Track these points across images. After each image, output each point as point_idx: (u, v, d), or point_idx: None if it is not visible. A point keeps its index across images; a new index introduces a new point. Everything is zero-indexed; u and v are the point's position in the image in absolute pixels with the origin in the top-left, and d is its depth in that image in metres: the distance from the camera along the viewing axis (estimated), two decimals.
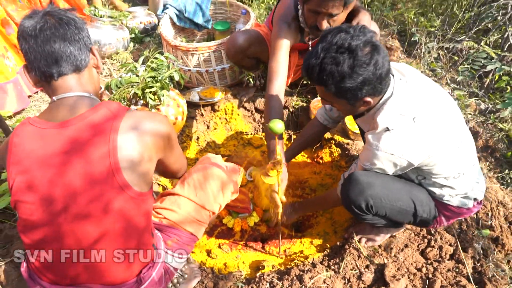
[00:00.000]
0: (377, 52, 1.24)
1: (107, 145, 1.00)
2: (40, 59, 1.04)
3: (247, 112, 2.58)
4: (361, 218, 1.51)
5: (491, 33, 3.12)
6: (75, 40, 1.07)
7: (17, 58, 2.38)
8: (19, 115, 2.36)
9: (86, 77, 1.13)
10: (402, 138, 1.30)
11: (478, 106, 2.85)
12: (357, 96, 1.30)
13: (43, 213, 1.02)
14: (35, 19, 1.04)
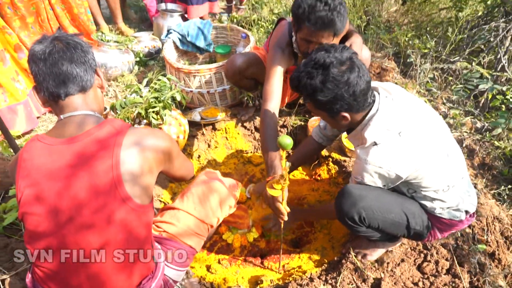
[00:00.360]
0: (352, 71, 1.32)
1: (110, 159, 1.07)
2: (48, 80, 1.11)
3: (247, 131, 2.66)
4: (355, 230, 1.55)
5: (484, 54, 3.22)
6: (81, 62, 1.15)
7: (27, 81, 2.49)
8: (27, 135, 2.45)
9: (92, 97, 1.20)
10: (389, 152, 1.36)
11: (474, 124, 2.91)
12: (333, 110, 1.39)
13: (49, 224, 1.07)
14: (44, 44, 1.12)
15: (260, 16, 3.84)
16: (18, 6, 2.56)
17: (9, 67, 2.29)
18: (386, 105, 1.43)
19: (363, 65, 1.37)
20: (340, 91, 1.33)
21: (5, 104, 2.29)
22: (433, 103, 3.06)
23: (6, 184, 1.92)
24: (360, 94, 1.36)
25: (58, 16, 2.91)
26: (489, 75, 2.87)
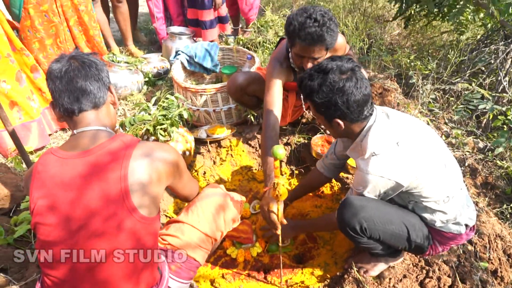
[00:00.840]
0: (350, 80, 1.41)
1: (119, 170, 1.13)
2: (63, 97, 1.18)
3: (252, 149, 2.72)
4: (357, 241, 1.58)
5: (485, 76, 3.29)
6: (95, 80, 1.22)
7: (40, 100, 2.60)
8: (40, 151, 2.53)
9: (104, 113, 1.26)
10: (389, 161, 1.42)
11: (477, 144, 2.95)
12: (328, 114, 1.49)
13: (60, 232, 1.12)
14: (61, 63, 1.20)
15: (265, 39, 3.97)
16: (38, 29, 2.71)
17: (25, 86, 2.40)
18: (383, 118, 1.51)
19: (364, 79, 1.45)
20: (334, 96, 1.42)
21: (20, 121, 2.39)
22: (435, 123, 3.11)
23: (18, 198, 1.99)
24: (354, 104, 1.43)
25: (75, 37, 3.06)
26: (490, 96, 2.93)
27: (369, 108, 1.50)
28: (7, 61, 2.25)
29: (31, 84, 2.54)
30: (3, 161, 2.37)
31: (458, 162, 2.66)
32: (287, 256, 2.06)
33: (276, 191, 1.60)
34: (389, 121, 1.50)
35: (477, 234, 2.02)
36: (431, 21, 4.15)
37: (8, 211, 1.96)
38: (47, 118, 2.66)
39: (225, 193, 1.61)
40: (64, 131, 2.83)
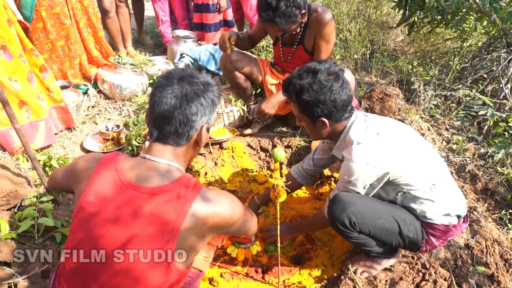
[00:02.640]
0: (336, 81, 1.52)
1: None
2: (152, 117, 1.15)
3: (253, 151, 2.76)
4: (348, 236, 1.61)
5: (486, 83, 3.31)
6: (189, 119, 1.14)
7: (48, 100, 2.66)
8: (45, 149, 2.58)
9: (183, 151, 1.18)
10: (372, 149, 1.50)
11: (478, 150, 2.96)
12: (315, 113, 1.56)
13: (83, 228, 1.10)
14: (174, 87, 1.13)
15: (269, 43, 4.02)
16: (50, 31, 2.78)
17: (35, 86, 2.46)
18: (362, 117, 1.63)
19: (347, 81, 1.57)
20: (323, 95, 1.51)
21: (28, 120, 2.44)
22: (436, 128, 3.13)
23: (22, 194, 2.03)
24: (340, 103, 1.54)
25: (84, 39, 3.13)
26: (491, 102, 2.94)
27: (350, 109, 1.61)
28: (19, 61, 2.31)
29: (40, 84, 2.59)
30: (9, 158, 2.42)
31: (458, 168, 2.70)
32: (285, 256, 2.09)
33: (275, 192, 1.64)
34: (368, 119, 1.62)
35: (475, 239, 2.04)
36: (435, 28, 4.18)
37: (12, 207, 2.01)
38: (53, 117, 2.71)
39: None
40: (69, 131, 2.88)
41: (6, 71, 2.24)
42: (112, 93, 3.22)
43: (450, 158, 2.77)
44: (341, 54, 4.04)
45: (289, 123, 2.93)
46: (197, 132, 1.19)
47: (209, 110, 1.19)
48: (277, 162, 1.57)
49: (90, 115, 3.10)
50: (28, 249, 1.51)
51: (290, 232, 2.02)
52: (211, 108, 1.20)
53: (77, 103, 3.03)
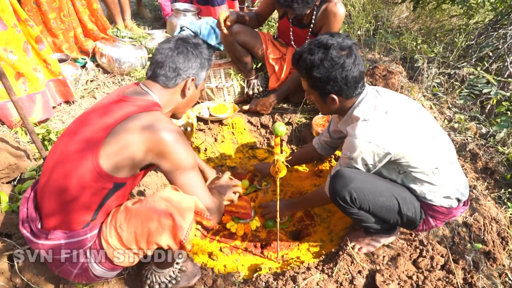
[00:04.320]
0: (349, 57, 1.45)
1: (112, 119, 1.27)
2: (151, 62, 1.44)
3: (253, 127, 2.73)
4: (348, 211, 1.62)
5: (491, 61, 3.25)
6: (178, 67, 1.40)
7: (45, 72, 2.61)
8: (43, 123, 2.56)
9: (168, 93, 1.42)
10: (377, 127, 1.46)
11: (479, 130, 2.94)
12: (325, 90, 1.51)
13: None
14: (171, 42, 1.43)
15: (270, 17, 3.92)
16: (42, 2, 2.70)
17: (31, 57, 2.40)
18: (373, 93, 1.58)
19: (360, 56, 1.50)
20: (334, 72, 1.46)
21: (25, 93, 2.40)
22: (438, 107, 3.10)
23: (22, 167, 2.03)
24: (352, 80, 1.48)
25: (78, 11, 3.04)
26: (495, 81, 2.90)
27: (362, 85, 1.56)
28: (14, 31, 2.24)
29: (36, 56, 2.53)
30: (8, 132, 2.40)
31: (459, 147, 2.68)
32: (284, 232, 2.11)
33: (275, 167, 1.63)
34: (379, 95, 1.57)
35: (473, 217, 2.05)
36: (441, 4, 4.07)
37: (12, 180, 2.01)
38: (51, 90, 2.67)
39: (167, 212, 1.23)
40: (68, 104, 2.85)
41: (1, 41, 2.18)
42: (110, 67, 3.16)
43: (451, 137, 2.75)
44: (344, 29, 3.96)
45: (290, 100, 2.89)
46: (184, 81, 1.43)
47: (195, 65, 1.44)
48: (277, 137, 1.55)
49: (88, 89, 3.05)
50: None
51: (289, 208, 2.03)
52: (198, 64, 1.44)
53: (75, 77, 2.98)
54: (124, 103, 1.32)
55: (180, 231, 1.21)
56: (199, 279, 1.67)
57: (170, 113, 1.52)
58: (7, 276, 1.52)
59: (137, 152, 1.23)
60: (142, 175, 1.38)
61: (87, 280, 1.39)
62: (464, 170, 2.44)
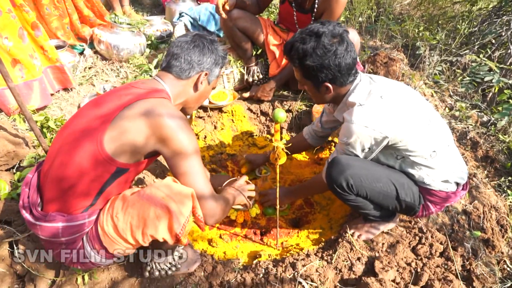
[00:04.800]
0: (341, 44, 1.45)
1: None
2: (167, 53, 1.46)
3: (253, 115, 2.72)
4: (345, 198, 1.62)
5: (494, 48, 3.21)
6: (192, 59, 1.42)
7: (42, 59, 2.58)
8: (42, 110, 2.54)
9: (180, 85, 1.44)
10: (373, 112, 1.46)
11: (481, 118, 2.92)
12: (318, 78, 1.51)
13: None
14: (187, 36, 1.46)
15: (271, 3, 3.86)
16: None
17: (27, 44, 2.37)
18: (367, 80, 1.57)
19: (352, 43, 1.49)
20: (327, 59, 1.45)
21: (22, 80, 2.37)
22: (440, 95, 3.07)
23: (20, 154, 2.02)
24: (345, 68, 1.48)
25: None
26: (497, 68, 2.87)
27: (355, 72, 1.56)
28: (8, 17, 2.20)
29: (33, 42, 2.50)
30: (6, 119, 2.38)
31: (460, 135, 2.67)
32: (284, 219, 2.11)
33: (275, 154, 1.62)
34: (373, 81, 1.57)
35: (473, 205, 2.05)
36: None
37: (11, 168, 2.00)
38: (49, 77, 2.64)
39: (164, 204, 1.21)
40: (66, 92, 2.82)
41: None
42: (109, 54, 3.12)
43: (452, 125, 2.74)
44: (345, 15, 3.91)
45: (290, 87, 2.87)
46: (197, 75, 1.45)
47: (210, 60, 1.45)
48: (277, 124, 1.54)
49: (87, 76, 3.03)
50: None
51: (288, 196, 2.02)
52: (213, 60, 1.46)
53: (73, 64, 2.95)
54: (131, 89, 1.34)
55: (176, 225, 1.20)
56: (199, 265, 1.68)
57: (180, 106, 1.52)
58: (7, 263, 1.53)
59: (139, 137, 1.23)
60: (146, 164, 1.37)
61: (84, 266, 1.40)
62: (464, 158, 2.43)
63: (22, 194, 1.32)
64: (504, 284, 1.71)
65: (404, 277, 1.65)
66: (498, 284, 1.70)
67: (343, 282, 1.63)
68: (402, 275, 1.65)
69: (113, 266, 1.59)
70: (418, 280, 1.62)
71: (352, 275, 1.65)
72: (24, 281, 1.53)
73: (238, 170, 2.46)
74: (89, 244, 1.31)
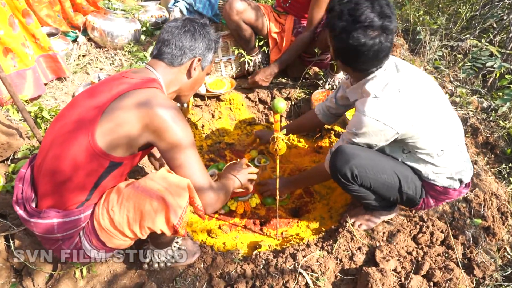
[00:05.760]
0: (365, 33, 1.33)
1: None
2: (157, 40, 1.39)
3: (251, 103, 2.67)
4: (348, 189, 1.59)
5: (496, 32, 3.16)
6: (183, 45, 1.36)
7: (34, 47, 2.51)
8: (35, 100, 2.48)
9: (172, 72, 1.38)
10: (388, 106, 1.40)
11: (481, 104, 2.90)
12: (338, 57, 1.44)
13: None
14: (178, 21, 1.40)
15: None
16: None
17: (18, 32, 2.29)
18: (392, 68, 1.49)
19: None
20: (347, 43, 1.36)
21: (15, 69, 2.31)
22: (440, 80, 3.03)
23: (14, 146, 1.98)
24: (370, 54, 1.38)
25: None
26: (499, 53, 2.83)
27: (388, 54, 1.44)
28: None
29: (24, 30, 2.43)
30: None
31: (460, 121, 2.65)
32: (283, 209, 2.09)
33: (275, 145, 1.59)
34: (396, 71, 1.48)
35: (473, 192, 2.04)
36: None
37: (5, 159, 1.96)
38: (42, 66, 2.58)
39: (160, 196, 1.18)
40: (60, 81, 2.76)
41: None
42: (103, 41, 3.05)
43: None
44: None
45: (289, 74, 2.82)
46: (190, 61, 1.40)
47: (202, 45, 1.40)
48: (277, 114, 1.50)
49: (81, 64, 2.96)
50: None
51: (288, 186, 2.00)
52: (205, 45, 1.41)
53: (66, 52, 2.88)
54: (123, 80, 1.29)
55: (173, 216, 1.17)
56: (199, 257, 1.67)
57: (174, 95, 1.48)
58: (4, 256, 1.51)
59: (132, 130, 1.19)
60: (140, 156, 1.33)
61: (81, 260, 1.38)
62: (465, 144, 2.41)
63: (16, 190, 1.28)
64: (505, 271, 1.71)
65: (405, 266, 1.64)
66: (499, 272, 1.70)
67: (343, 272, 1.62)
68: (403, 264, 1.65)
69: (112, 258, 1.57)
70: (419, 269, 1.61)
71: (352, 265, 1.64)
72: (22, 275, 1.51)
73: (237, 160, 2.42)
74: (86, 239, 1.29)
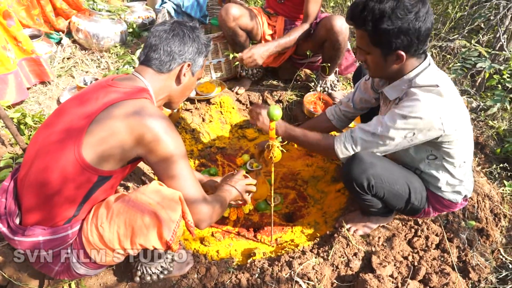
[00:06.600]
0: (424, 4, 1.27)
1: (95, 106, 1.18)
2: (144, 45, 1.33)
3: (242, 106, 2.63)
4: (361, 197, 1.56)
5: (483, 32, 3.19)
6: (172, 51, 1.29)
7: (16, 51, 2.42)
8: (18, 105, 2.40)
9: (161, 79, 1.32)
10: (440, 102, 1.32)
11: (470, 104, 2.91)
12: (391, 45, 1.32)
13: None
14: (166, 24, 1.33)
15: None
16: None
17: None
18: (434, 65, 1.43)
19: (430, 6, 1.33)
20: (407, 22, 1.26)
21: None
22: None
23: None
24: (424, 34, 1.30)
25: None
26: (487, 54, 2.84)
27: (427, 39, 1.37)
28: None
29: (5, 33, 2.34)
30: None
31: None
32: (277, 214, 2.06)
33: (270, 153, 1.55)
34: (441, 70, 1.44)
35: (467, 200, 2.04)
36: None
37: None
38: (24, 70, 2.49)
39: (152, 211, 1.13)
40: (44, 85, 2.67)
41: None
42: (88, 43, 2.97)
43: None
44: (335, 0, 3.82)
45: (280, 76, 2.78)
46: (179, 66, 1.33)
47: (192, 50, 1.33)
48: (272, 122, 1.46)
49: (65, 67, 2.87)
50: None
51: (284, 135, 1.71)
52: (195, 49, 1.34)
53: (50, 54, 2.79)
54: (110, 89, 1.22)
55: (166, 232, 1.12)
56: (192, 267, 1.62)
57: (164, 102, 1.41)
58: None
59: (122, 142, 1.13)
60: (129, 169, 1.28)
61: (70, 277, 1.32)
62: None
63: None
64: (499, 274, 1.71)
65: (402, 272, 1.62)
66: (493, 274, 1.70)
67: (340, 279, 1.60)
68: (400, 269, 1.63)
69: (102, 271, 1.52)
70: (416, 274, 1.60)
71: (349, 271, 1.62)
72: None
73: (229, 164, 2.38)
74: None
